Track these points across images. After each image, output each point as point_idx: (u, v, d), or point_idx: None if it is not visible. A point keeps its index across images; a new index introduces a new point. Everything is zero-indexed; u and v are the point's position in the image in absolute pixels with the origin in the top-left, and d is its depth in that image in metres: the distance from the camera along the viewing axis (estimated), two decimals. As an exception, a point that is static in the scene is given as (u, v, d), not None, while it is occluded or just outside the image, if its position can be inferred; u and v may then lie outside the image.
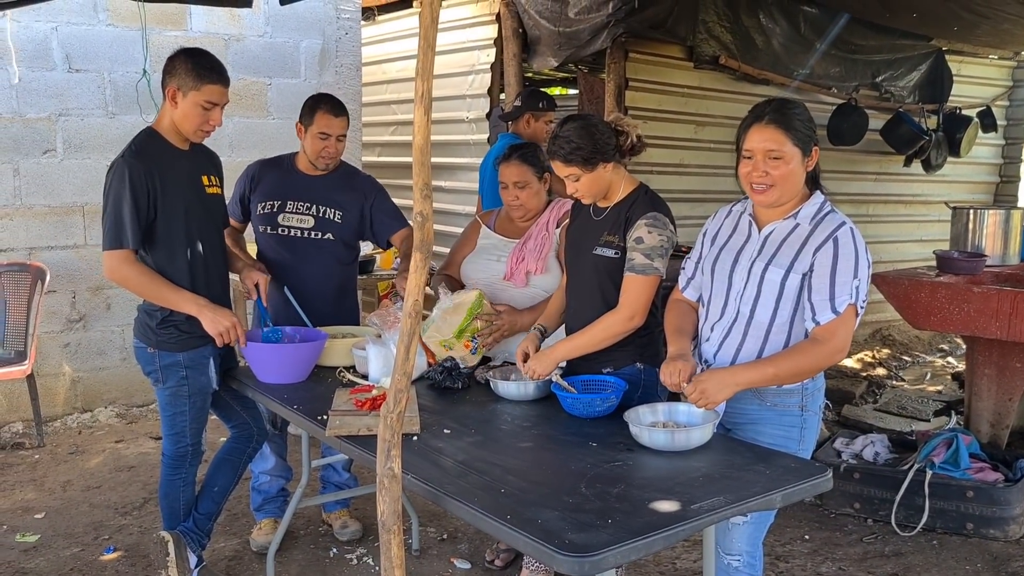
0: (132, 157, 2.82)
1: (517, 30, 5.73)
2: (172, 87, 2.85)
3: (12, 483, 4.34)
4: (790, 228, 2.33)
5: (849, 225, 2.29)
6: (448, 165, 6.41)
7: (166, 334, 2.93)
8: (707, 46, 5.65)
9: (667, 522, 1.82)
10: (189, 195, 2.95)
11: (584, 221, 2.81)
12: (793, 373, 2.29)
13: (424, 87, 1.79)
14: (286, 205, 3.42)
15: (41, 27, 5.13)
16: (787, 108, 2.30)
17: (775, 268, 2.31)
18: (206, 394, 3.05)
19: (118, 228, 2.80)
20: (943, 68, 7.16)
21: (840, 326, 2.24)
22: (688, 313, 2.56)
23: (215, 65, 2.89)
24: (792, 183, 2.29)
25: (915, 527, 3.76)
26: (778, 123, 2.26)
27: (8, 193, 5.12)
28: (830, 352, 2.26)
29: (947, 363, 7.22)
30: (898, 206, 7.75)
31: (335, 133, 3.37)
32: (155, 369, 2.97)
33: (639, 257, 2.60)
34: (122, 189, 2.78)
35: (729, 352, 2.40)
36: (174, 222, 2.90)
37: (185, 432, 3.04)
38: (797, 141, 2.26)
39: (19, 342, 4.93)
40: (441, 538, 3.74)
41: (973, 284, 4.12)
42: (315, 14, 5.97)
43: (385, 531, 1.92)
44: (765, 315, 2.33)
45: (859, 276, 2.25)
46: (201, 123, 2.88)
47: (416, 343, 1.90)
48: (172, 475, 3.10)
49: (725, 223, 2.50)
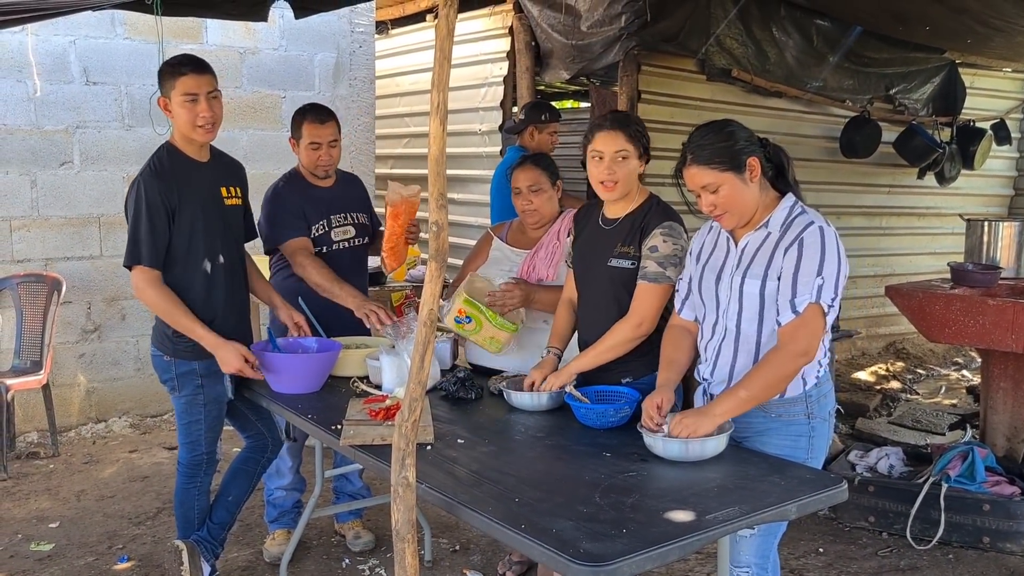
0: (150, 176, 2.87)
1: (530, 43, 5.77)
2: (161, 97, 2.92)
3: (27, 492, 4.36)
4: (762, 238, 2.30)
5: (818, 224, 2.23)
6: (461, 177, 6.44)
7: (183, 343, 2.95)
8: (719, 59, 5.66)
9: (682, 532, 1.81)
10: (208, 208, 2.98)
11: (593, 233, 2.80)
12: (763, 388, 2.24)
13: (440, 99, 1.80)
14: (331, 221, 3.45)
15: (60, 41, 5.19)
16: (700, 145, 2.29)
17: (751, 280, 2.28)
18: (221, 403, 3.07)
19: (136, 246, 2.84)
20: (956, 81, 7.14)
21: (800, 327, 2.19)
22: (683, 339, 2.52)
23: (186, 59, 2.93)
24: (737, 203, 2.27)
25: (931, 541, 3.73)
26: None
27: (26, 204, 5.18)
28: (792, 355, 2.19)
29: (962, 376, 7.17)
30: (912, 218, 7.72)
31: (325, 140, 3.39)
32: (171, 377, 3.00)
33: (652, 265, 2.60)
34: (140, 208, 2.83)
35: (724, 370, 2.38)
36: (193, 236, 2.93)
37: (200, 440, 3.06)
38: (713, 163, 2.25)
39: (35, 352, 4.97)
40: (453, 549, 3.74)
41: (988, 296, 4.10)
42: (329, 28, 6.02)
43: (399, 540, 1.92)
44: (751, 328, 2.31)
45: (823, 275, 2.18)
46: (192, 119, 2.88)
47: (431, 353, 1.91)
48: (187, 483, 3.11)
49: (707, 239, 2.49)
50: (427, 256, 1.92)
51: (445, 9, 1.78)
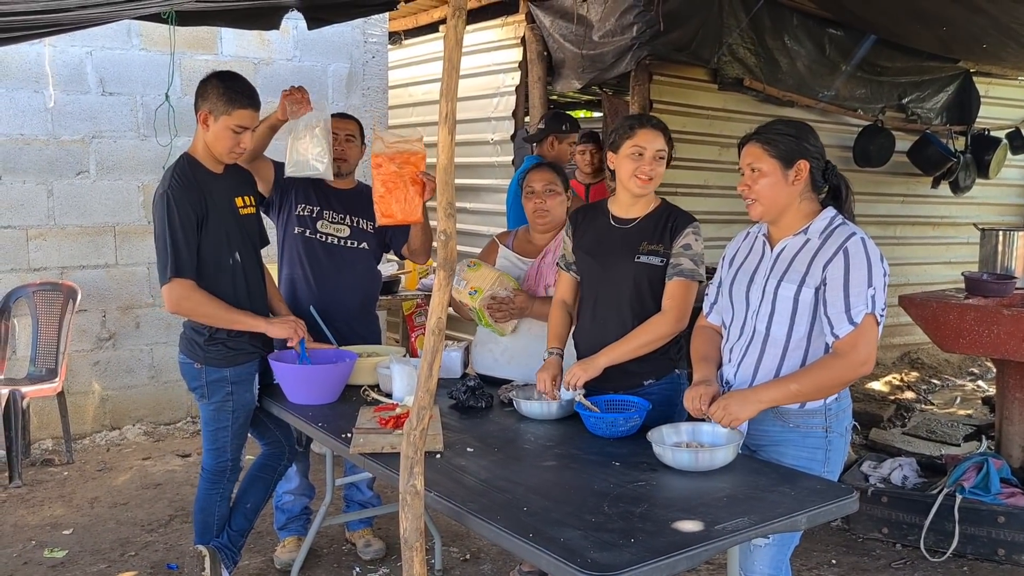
0: (179, 188, 2.88)
1: (542, 53, 5.79)
2: (204, 111, 2.91)
3: (41, 499, 4.39)
4: (800, 244, 2.34)
5: (860, 235, 2.28)
6: (473, 187, 6.46)
7: (214, 350, 2.98)
8: (731, 68, 5.66)
9: (691, 542, 1.81)
10: (228, 219, 3.02)
11: (604, 233, 2.81)
12: (816, 388, 2.28)
13: (448, 108, 1.82)
14: (323, 213, 3.50)
15: (76, 52, 5.25)
16: (770, 128, 2.40)
17: (787, 284, 2.31)
18: (249, 410, 3.10)
19: (177, 259, 2.85)
20: (970, 90, 7.11)
21: (859, 337, 2.22)
22: (713, 339, 2.57)
23: (246, 89, 2.94)
24: (769, 197, 2.34)
25: (945, 552, 3.70)
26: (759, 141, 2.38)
27: (42, 213, 5.23)
28: (852, 365, 2.24)
29: (977, 387, 7.11)
30: (926, 228, 7.68)
31: (343, 132, 3.49)
32: (201, 385, 3.02)
33: (687, 262, 2.66)
34: (173, 220, 2.85)
35: (748, 371, 2.40)
36: (217, 247, 2.96)
37: (227, 447, 3.09)
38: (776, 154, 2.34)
39: (50, 360, 5.01)
40: (464, 558, 3.73)
41: (1003, 306, 4.06)
42: (343, 38, 6.06)
43: (407, 548, 1.92)
44: (781, 332, 2.33)
45: (874, 285, 2.23)
46: (232, 146, 2.94)
47: (439, 361, 1.91)
48: (210, 489, 3.14)
49: (743, 245, 2.54)
50: (436, 265, 1.92)
51: (453, 20, 1.80)
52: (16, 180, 5.16)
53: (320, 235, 3.49)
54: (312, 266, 3.48)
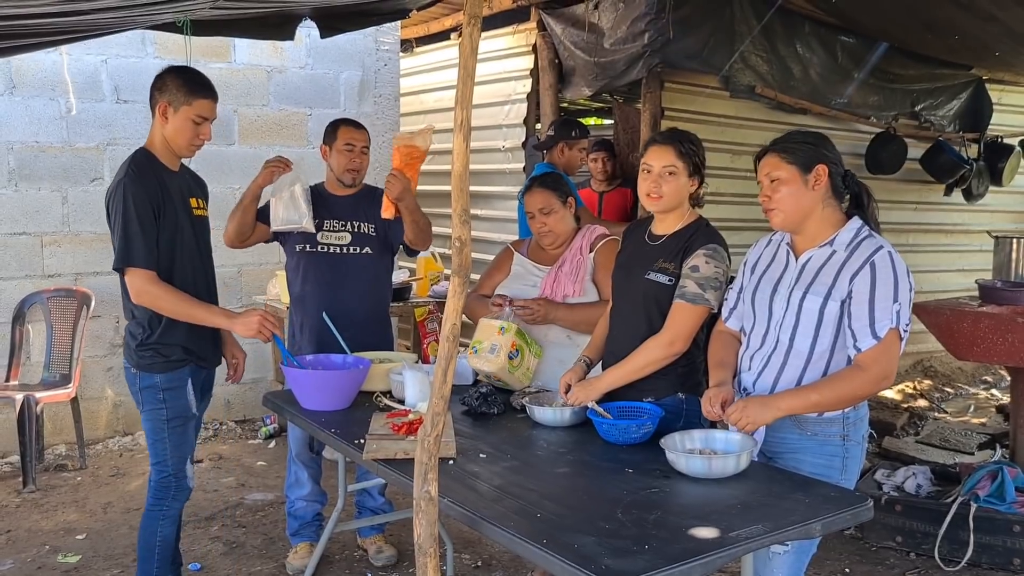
0: (135, 177, 2.84)
1: (553, 60, 5.80)
2: (163, 103, 2.89)
3: (55, 504, 4.41)
4: (827, 255, 2.33)
5: (887, 249, 2.28)
6: (484, 194, 6.47)
7: (146, 355, 2.91)
8: (743, 76, 5.65)
9: (705, 549, 1.80)
10: (182, 216, 2.97)
11: (637, 247, 2.82)
12: (836, 400, 2.28)
13: (463, 115, 1.82)
14: (323, 224, 3.52)
15: (92, 60, 5.29)
16: (787, 138, 2.40)
17: (813, 296, 2.30)
18: (186, 419, 2.98)
19: (128, 247, 2.80)
20: (983, 97, 7.08)
21: (882, 352, 2.22)
22: (731, 345, 2.55)
23: (204, 81, 2.95)
24: (791, 205, 2.34)
25: (959, 562, 3.67)
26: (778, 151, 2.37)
27: (57, 220, 5.27)
28: (873, 379, 2.23)
29: (991, 395, 7.07)
30: (939, 235, 7.64)
31: (359, 144, 3.54)
32: (136, 391, 2.95)
33: (691, 285, 2.61)
34: (128, 209, 2.79)
35: (768, 381, 2.39)
36: (171, 241, 2.91)
37: (166, 460, 2.96)
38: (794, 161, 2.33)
39: (64, 366, 5.04)
40: (476, 565, 3.73)
41: (1017, 314, 4.04)
42: (355, 46, 6.09)
43: (422, 554, 1.92)
44: (805, 344, 2.32)
45: (899, 300, 2.23)
46: (192, 138, 2.92)
47: (454, 367, 1.92)
48: (152, 506, 2.99)
49: (765, 252, 2.52)
50: (450, 272, 1.93)
51: (469, 28, 1.81)
52: (31, 187, 5.20)
53: (321, 247, 3.51)
54: (317, 280, 3.51)
